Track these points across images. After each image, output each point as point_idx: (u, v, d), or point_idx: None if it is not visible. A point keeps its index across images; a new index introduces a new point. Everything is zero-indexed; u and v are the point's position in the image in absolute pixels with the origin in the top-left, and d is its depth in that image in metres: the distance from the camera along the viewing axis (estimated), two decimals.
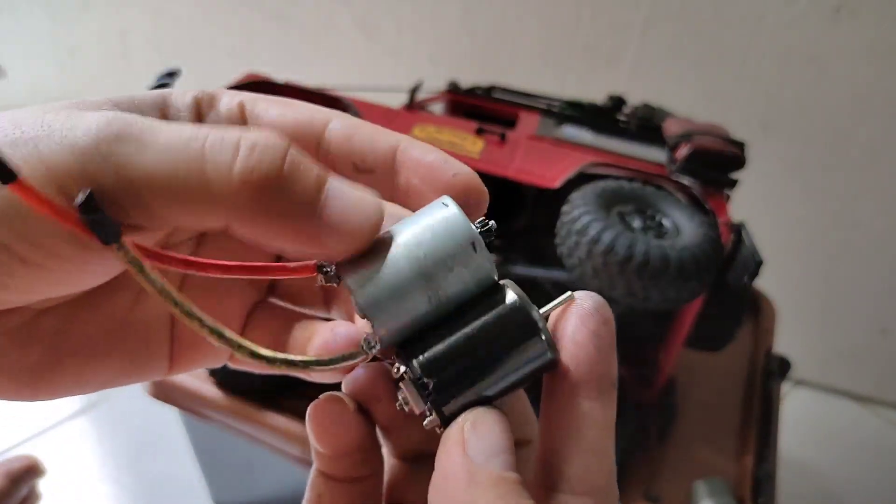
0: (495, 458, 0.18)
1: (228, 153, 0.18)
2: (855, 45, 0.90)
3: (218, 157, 0.18)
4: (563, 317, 0.21)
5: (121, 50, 1.41)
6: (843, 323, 1.14)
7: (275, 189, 0.18)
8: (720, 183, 0.64)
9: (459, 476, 0.18)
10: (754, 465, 0.67)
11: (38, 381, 0.21)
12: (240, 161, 0.18)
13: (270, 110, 0.23)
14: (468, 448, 0.19)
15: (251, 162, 0.18)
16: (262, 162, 0.18)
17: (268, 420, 0.65)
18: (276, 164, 0.18)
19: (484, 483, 0.18)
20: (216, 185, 0.18)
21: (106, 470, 0.97)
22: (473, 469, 0.18)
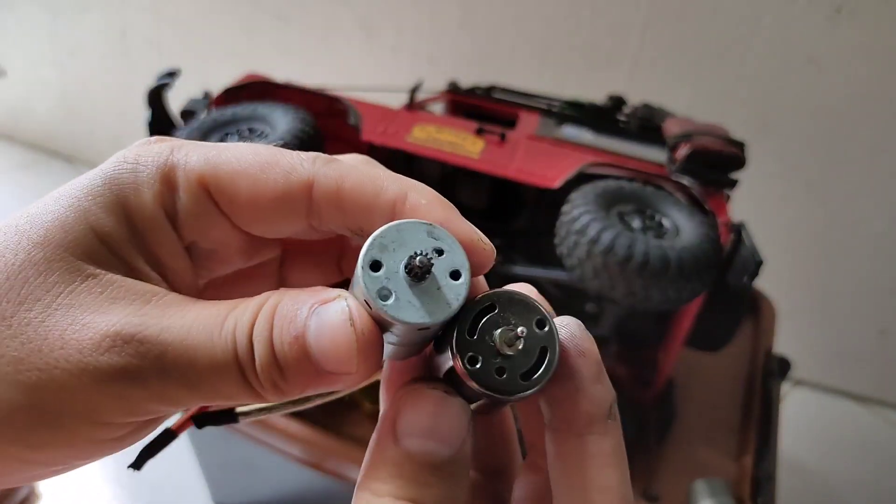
0: (414, 437, 0.19)
1: (243, 338, 0.19)
2: (854, 45, 0.90)
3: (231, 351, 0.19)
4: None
5: (121, 50, 1.41)
6: (843, 323, 1.14)
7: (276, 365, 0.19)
8: (720, 183, 0.64)
9: (377, 440, 0.19)
10: (754, 465, 0.67)
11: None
12: (259, 375, 0.19)
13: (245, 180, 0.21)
14: (398, 418, 0.19)
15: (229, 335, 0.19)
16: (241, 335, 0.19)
17: (269, 420, 0.65)
18: (247, 334, 0.19)
19: (389, 453, 0.18)
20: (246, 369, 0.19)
21: (106, 470, 0.97)
22: (389, 439, 0.19)
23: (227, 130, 0.63)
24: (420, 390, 0.19)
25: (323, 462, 0.64)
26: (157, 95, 0.68)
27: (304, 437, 0.64)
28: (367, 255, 0.18)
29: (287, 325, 0.18)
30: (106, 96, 1.51)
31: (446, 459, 0.19)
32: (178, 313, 0.18)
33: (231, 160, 0.21)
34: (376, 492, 0.18)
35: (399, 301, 0.18)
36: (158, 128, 0.68)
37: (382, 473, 0.18)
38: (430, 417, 0.19)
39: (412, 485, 0.18)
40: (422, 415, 0.19)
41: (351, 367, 0.18)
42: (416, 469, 0.18)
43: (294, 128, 0.60)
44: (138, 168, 0.20)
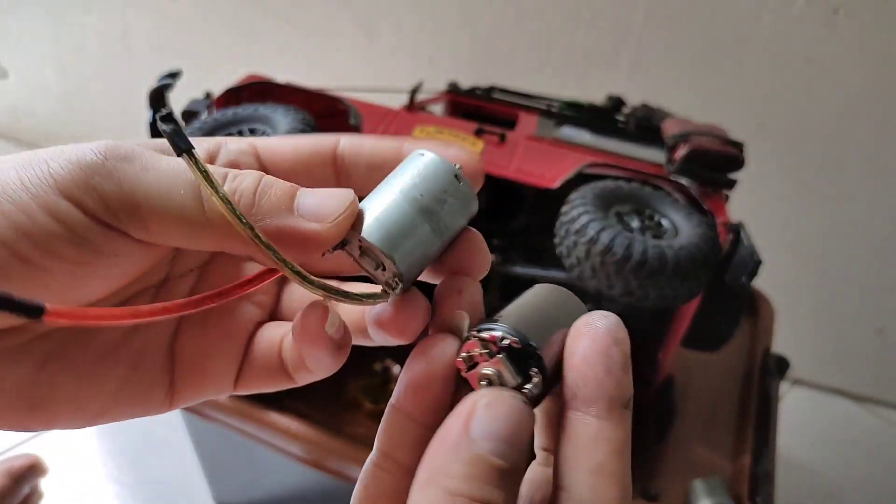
0: (489, 441, 0.19)
1: (218, 179, 0.21)
2: (852, 46, 0.91)
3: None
4: (575, 336, 0.21)
5: (122, 50, 1.42)
6: (841, 322, 1.15)
7: (254, 205, 0.21)
8: (718, 183, 0.64)
9: (450, 439, 0.19)
10: (752, 464, 0.67)
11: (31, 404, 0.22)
12: (225, 185, 0.21)
13: (282, 142, 0.25)
14: (472, 419, 0.19)
15: (233, 184, 0.21)
16: (241, 184, 0.21)
17: (270, 419, 0.65)
18: (252, 185, 0.21)
19: (464, 455, 0.19)
20: (208, 208, 0.21)
21: (108, 469, 0.98)
22: (464, 439, 0.19)
23: (228, 131, 0.63)
24: (501, 395, 0.20)
25: (324, 461, 0.65)
26: (159, 96, 0.68)
27: (305, 437, 0.64)
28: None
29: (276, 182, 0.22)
30: (107, 97, 1.51)
31: (514, 465, 0.19)
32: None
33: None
34: (450, 489, 0.18)
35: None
36: (159, 128, 0.68)
37: (455, 472, 0.19)
38: (511, 424, 0.19)
39: (486, 487, 0.18)
40: (503, 420, 0.19)
41: (333, 215, 0.21)
42: (490, 472, 0.19)
43: (295, 128, 0.60)
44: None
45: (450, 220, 0.22)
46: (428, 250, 0.22)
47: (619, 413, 0.20)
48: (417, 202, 0.22)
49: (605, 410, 0.20)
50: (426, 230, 0.22)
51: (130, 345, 0.24)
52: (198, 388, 0.26)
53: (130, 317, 0.20)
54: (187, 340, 0.26)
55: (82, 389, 0.23)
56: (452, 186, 0.22)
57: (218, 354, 0.26)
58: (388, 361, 0.73)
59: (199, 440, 0.81)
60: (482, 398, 0.20)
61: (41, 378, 0.22)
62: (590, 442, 0.20)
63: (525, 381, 0.21)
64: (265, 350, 0.26)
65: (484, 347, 0.21)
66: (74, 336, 0.23)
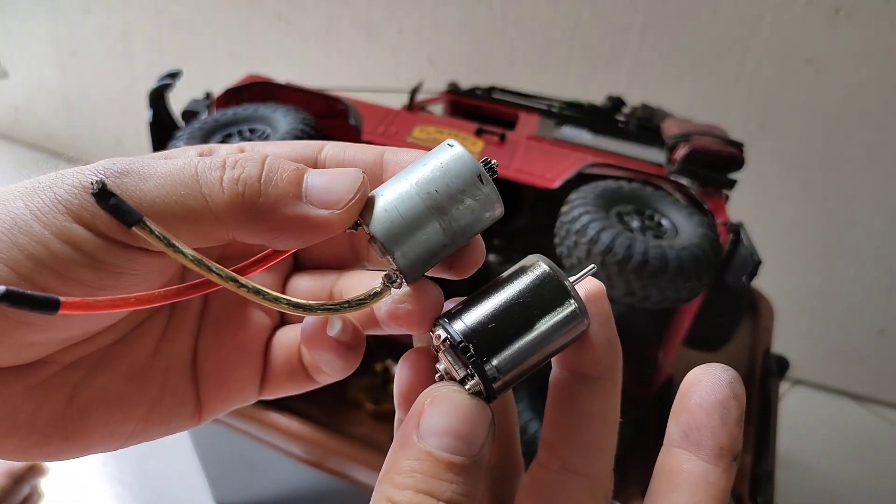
0: (436, 437, 0.19)
1: (217, 170, 0.20)
2: (853, 46, 0.91)
3: (208, 174, 0.20)
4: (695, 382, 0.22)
5: (122, 51, 1.42)
6: (841, 322, 1.15)
7: (261, 194, 0.20)
8: (719, 183, 0.64)
9: (402, 438, 0.20)
10: (752, 464, 0.67)
11: (65, 434, 0.22)
12: (226, 175, 0.20)
13: (267, 148, 0.25)
14: (422, 417, 0.20)
15: (235, 174, 0.20)
16: (245, 172, 0.20)
17: (270, 419, 0.65)
18: (257, 168, 0.21)
19: (412, 452, 0.19)
20: (211, 198, 0.20)
21: (108, 469, 0.98)
22: (413, 437, 0.20)
23: (228, 131, 0.63)
24: (445, 392, 0.20)
25: (324, 461, 0.65)
26: (159, 96, 0.68)
27: (305, 436, 0.64)
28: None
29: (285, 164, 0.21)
30: (108, 97, 1.51)
31: (466, 460, 0.19)
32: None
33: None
34: (398, 485, 0.19)
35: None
36: (160, 128, 0.68)
37: (404, 468, 0.19)
38: (454, 418, 0.20)
39: (432, 481, 0.19)
40: (445, 415, 0.20)
41: (343, 201, 0.20)
42: (436, 466, 0.19)
43: (295, 128, 0.60)
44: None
45: (465, 221, 0.21)
46: (435, 249, 0.21)
47: (727, 463, 0.21)
48: (430, 197, 0.21)
49: (714, 457, 0.20)
50: (435, 230, 0.21)
51: (155, 367, 0.25)
52: (224, 399, 0.26)
53: (141, 302, 0.20)
54: (207, 355, 0.26)
55: (113, 415, 0.23)
56: (472, 187, 0.21)
57: (238, 365, 0.26)
58: (388, 361, 0.73)
59: (199, 440, 0.81)
60: (427, 396, 0.20)
61: (72, 409, 0.22)
62: (694, 481, 0.20)
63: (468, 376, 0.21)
64: (284, 354, 0.26)
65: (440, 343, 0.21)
66: (101, 363, 0.23)
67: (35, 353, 0.21)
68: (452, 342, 0.21)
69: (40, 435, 0.22)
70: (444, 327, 0.21)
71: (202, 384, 0.26)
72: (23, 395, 0.21)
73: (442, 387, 0.21)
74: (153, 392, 0.24)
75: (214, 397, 0.26)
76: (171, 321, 0.26)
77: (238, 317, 0.26)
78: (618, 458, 0.22)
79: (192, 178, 0.20)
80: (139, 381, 0.24)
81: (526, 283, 0.22)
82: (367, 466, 0.63)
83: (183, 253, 0.19)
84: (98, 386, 0.23)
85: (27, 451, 0.22)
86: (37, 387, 0.22)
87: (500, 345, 0.21)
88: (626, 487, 0.65)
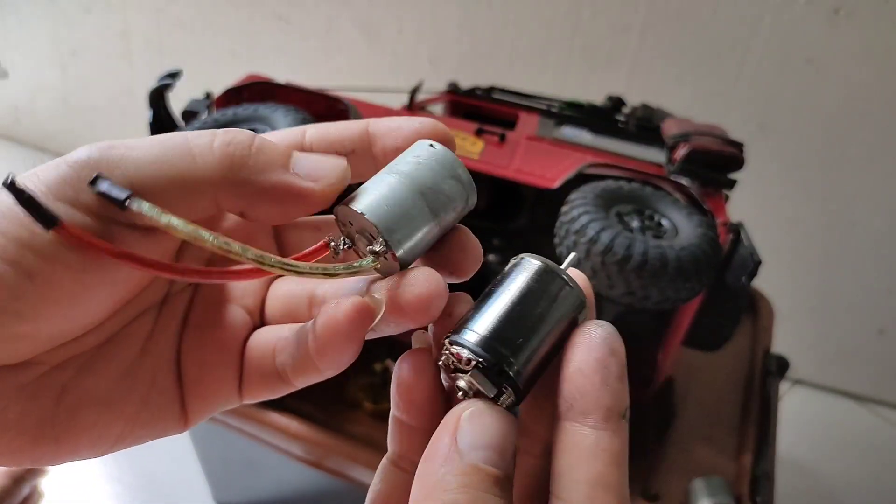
0: (478, 451, 0.19)
1: (207, 137, 0.21)
2: (853, 46, 0.91)
3: (198, 140, 0.21)
4: (570, 346, 0.21)
5: (122, 51, 1.42)
6: (841, 323, 1.15)
7: (251, 156, 0.21)
8: (718, 183, 0.64)
9: (440, 454, 0.20)
10: (752, 464, 0.67)
11: (54, 436, 0.22)
12: (217, 139, 0.21)
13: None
14: (459, 433, 0.20)
15: (227, 137, 0.21)
16: (236, 137, 0.21)
17: (270, 419, 0.65)
18: (247, 139, 0.21)
19: (457, 467, 0.19)
20: (201, 157, 0.20)
21: (108, 469, 0.98)
22: (454, 453, 0.19)
23: None
24: (482, 408, 0.20)
25: (324, 461, 0.65)
26: (159, 96, 0.68)
27: (305, 436, 0.64)
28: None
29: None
30: (107, 97, 1.51)
31: (504, 473, 0.19)
32: None
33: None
34: (449, 501, 0.19)
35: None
36: (160, 128, 0.68)
37: (452, 484, 0.19)
38: (495, 433, 0.20)
39: (482, 494, 0.19)
40: (487, 430, 0.20)
41: (328, 177, 0.21)
42: (485, 480, 0.19)
43: None
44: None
45: (447, 206, 0.23)
46: (425, 235, 0.22)
47: (616, 423, 0.20)
48: (416, 185, 0.22)
49: (602, 421, 0.20)
50: (425, 215, 0.22)
51: (142, 367, 0.25)
52: (206, 401, 0.26)
53: (145, 265, 0.20)
54: (189, 355, 0.26)
55: (102, 416, 0.23)
56: (450, 172, 0.23)
57: (216, 365, 0.26)
58: (388, 361, 0.73)
59: (199, 440, 0.82)
60: (465, 411, 0.20)
61: (61, 410, 0.22)
62: (587, 453, 0.20)
63: (499, 394, 0.21)
64: (259, 357, 0.26)
65: (457, 360, 0.21)
66: (89, 364, 0.23)
67: (23, 351, 0.21)
68: (484, 365, 0.21)
69: (30, 437, 0.22)
70: (469, 348, 0.21)
71: (185, 385, 0.25)
72: (12, 396, 0.21)
73: (476, 403, 0.21)
74: (141, 392, 0.24)
75: (196, 398, 0.26)
76: (158, 321, 0.25)
77: (219, 316, 0.26)
78: None
79: (181, 142, 0.21)
80: (127, 380, 0.24)
81: (525, 282, 0.22)
82: (367, 466, 0.63)
83: (175, 226, 0.19)
84: (87, 386, 0.23)
85: (16, 454, 0.22)
86: (26, 387, 0.22)
87: (525, 358, 0.21)
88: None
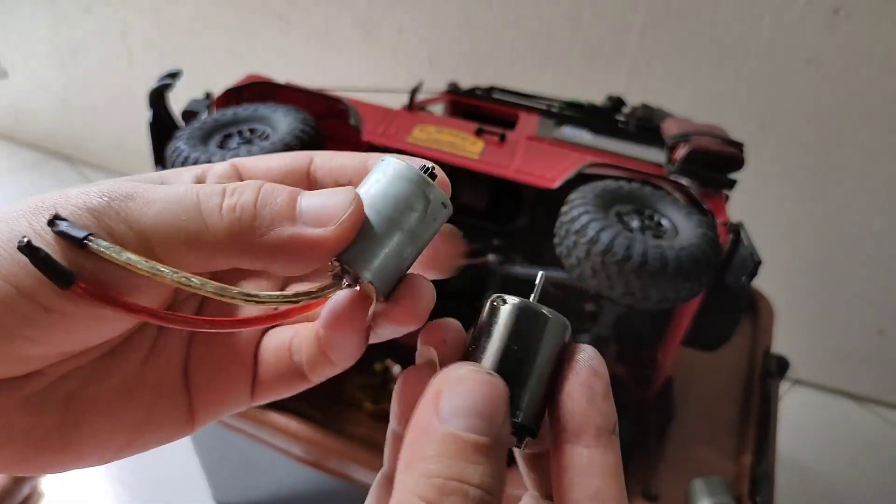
0: (461, 418, 0.19)
1: (217, 197, 0.21)
2: (852, 46, 0.91)
3: (209, 201, 0.21)
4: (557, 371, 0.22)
5: (122, 51, 1.42)
6: (841, 323, 1.15)
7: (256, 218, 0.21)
8: (718, 183, 0.64)
9: (421, 424, 0.20)
10: (752, 464, 0.67)
11: (60, 445, 0.22)
12: (225, 201, 0.21)
13: (259, 163, 0.26)
14: (441, 400, 0.20)
15: (232, 201, 0.21)
16: (241, 199, 0.21)
17: (270, 419, 0.65)
18: (253, 194, 0.22)
19: (435, 436, 0.19)
20: (210, 223, 0.21)
21: (108, 469, 0.98)
22: (434, 421, 0.19)
23: (228, 131, 0.63)
24: (462, 372, 0.20)
25: (324, 461, 0.65)
26: (159, 96, 0.68)
27: (305, 437, 0.64)
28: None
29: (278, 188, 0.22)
30: (107, 97, 1.51)
31: (490, 439, 0.19)
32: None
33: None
34: (425, 472, 0.18)
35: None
36: (160, 128, 0.68)
37: (429, 453, 0.19)
38: (475, 398, 0.20)
39: (461, 464, 0.18)
40: (466, 395, 0.20)
41: (336, 217, 0.21)
42: (463, 448, 0.19)
43: (295, 128, 0.60)
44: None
45: (421, 227, 0.22)
46: (401, 262, 0.22)
47: (606, 439, 0.21)
48: (385, 212, 0.22)
49: (593, 439, 0.21)
50: (397, 240, 0.22)
51: (147, 375, 0.25)
52: (216, 405, 0.26)
53: (154, 316, 0.20)
54: (199, 363, 0.26)
55: (107, 424, 0.23)
56: (421, 191, 0.22)
57: (229, 370, 0.26)
58: (388, 361, 0.73)
59: (199, 440, 0.82)
60: (444, 379, 0.20)
61: (65, 419, 0.22)
62: (584, 470, 0.21)
63: (519, 441, 0.22)
64: (274, 355, 0.26)
65: None
66: (94, 373, 0.24)
67: (30, 366, 0.21)
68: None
69: (35, 447, 0.22)
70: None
71: (194, 391, 0.26)
72: (18, 407, 0.21)
73: (458, 367, 0.21)
74: (146, 399, 0.25)
75: (207, 404, 0.26)
76: (162, 330, 0.26)
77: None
78: None
79: (193, 204, 0.21)
80: (132, 389, 0.24)
81: (510, 327, 0.23)
82: (367, 466, 0.63)
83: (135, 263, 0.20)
84: (92, 395, 0.23)
85: (23, 464, 0.22)
86: (31, 398, 0.22)
87: (527, 403, 0.22)
88: (626, 487, 0.65)
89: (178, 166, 0.53)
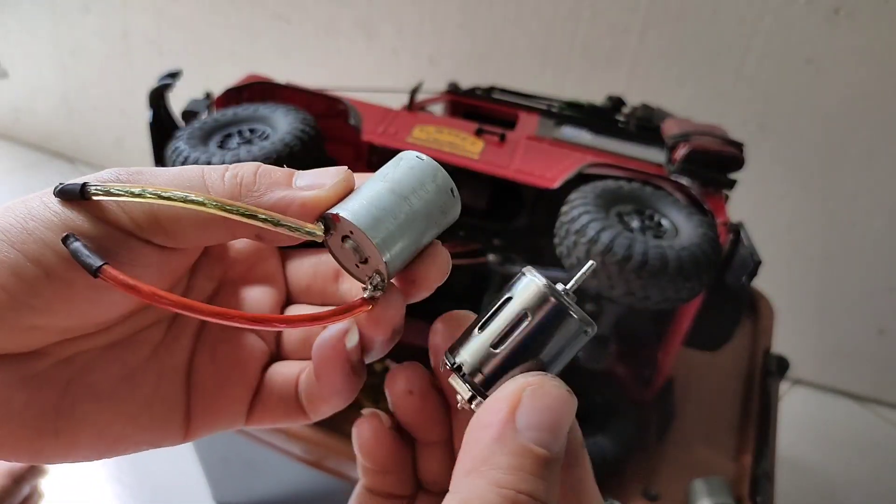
0: (535, 431, 0.19)
1: (219, 170, 0.23)
2: (852, 46, 0.91)
3: (212, 173, 0.23)
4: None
5: (122, 51, 1.42)
6: (841, 323, 1.15)
7: (256, 181, 0.22)
8: (719, 183, 0.64)
9: (494, 428, 0.19)
10: (752, 464, 0.67)
11: (55, 428, 0.22)
12: (228, 171, 0.23)
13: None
14: (519, 409, 0.19)
15: (235, 170, 0.23)
16: (243, 168, 0.23)
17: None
18: (253, 167, 0.23)
19: (510, 446, 0.19)
20: (213, 188, 0.22)
21: (108, 469, 0.98)
22: (509, 430, 0.19)
23: (228, 131, 0.63)
24: (548, 385, 0.20)
25: (324, 461, 0.65)
26: (159, 96, 0.68)
27: (305, 436, 0.64)
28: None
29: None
30: (107, 97, 1.51)
31: (554, 455, 0.19)
32: None
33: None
34: (497, 482, 0.18)
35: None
36: (160, 128, 0.68)
37: (503, 463, 0.18)
38: (555, 413, 0.19)
39: (532, 479, 0.18)
40: (547, 411, 0.19)
41: (329, 182, 0.22)
42: (535, 463, 0.19)
43: (295, 128, 0.60)
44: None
45: (430, 207, 0.23)
46: (411, 242, 0.23)
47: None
48: (406, 198, 0.23)
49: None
50: (415, 224, 0.23)
51: (149, 371, 0.25)
52: (212, 416, 0.26)
53: (176, 305, 0.21)
54: (202, 369, 0.26)
55: (103, 413, 0.24)
56: (432, 184, 0.23)
57: (231, 383, 0.26)
58: (387, 361, 0.73)
59: (199, 440, 0.81)
60: (526, 387, 0.20)
61: (64, 403, 0.23)
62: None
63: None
64: (281, 383, 0.27)
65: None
66: (96, 361, 0.24)
67: (34, 341, 0.22)
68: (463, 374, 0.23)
69: (31, 428, 0.22)
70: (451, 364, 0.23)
71: (193, 398, 0.26)
72: (17, 385, 0.22)
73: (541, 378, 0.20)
74: (145, 394, 0.25)
75: (203, 414, 0.26)
76: (169, 331, 0.26)
77: (235, 338, 0.27)
78: (618, 459, 0.23)
79: (197, 174, 0.22)
80: (132, 382, 0.24)
81: (519, 304, 0.23)
82: None
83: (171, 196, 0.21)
84: (91, 382, 0.23)
85: (17, 446, 0.22)
86: (32, 378, 0.22)
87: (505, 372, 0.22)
88: (626, 487, 0.65)
89: (178, 166, 0.53)
